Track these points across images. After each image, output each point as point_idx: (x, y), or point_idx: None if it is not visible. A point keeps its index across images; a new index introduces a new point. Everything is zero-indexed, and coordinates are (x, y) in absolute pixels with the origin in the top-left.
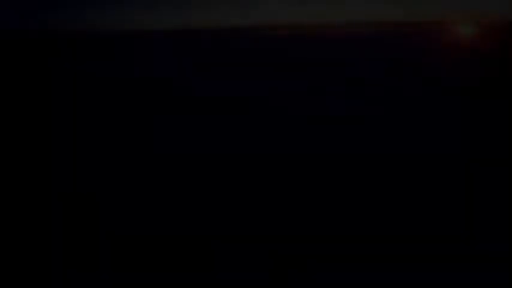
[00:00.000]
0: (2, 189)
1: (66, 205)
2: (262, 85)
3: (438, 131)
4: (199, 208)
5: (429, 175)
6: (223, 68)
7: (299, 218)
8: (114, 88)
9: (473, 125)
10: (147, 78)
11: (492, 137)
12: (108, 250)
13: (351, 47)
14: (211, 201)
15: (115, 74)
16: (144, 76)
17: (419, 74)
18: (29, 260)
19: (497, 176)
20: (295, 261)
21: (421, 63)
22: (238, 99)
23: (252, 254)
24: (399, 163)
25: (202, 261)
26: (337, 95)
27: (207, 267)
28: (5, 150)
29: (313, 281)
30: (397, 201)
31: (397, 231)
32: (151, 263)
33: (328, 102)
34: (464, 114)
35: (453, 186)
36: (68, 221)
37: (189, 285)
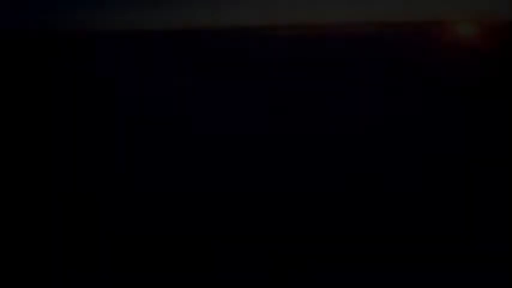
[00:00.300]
0: (1, 189)
1: (66, 205)
2: (262, 85)
3: (438, 131)
4: (199, 208)
5: (429, 175)
6: (223, 68)
7: (299, 218)
8: (114, 88)
9: (473, 125)
10: (147, 78)
11: (492, 137)
12: (108, 250)
13: (351, 47)
14: (211, 201)
15: (115, 74)
16: (143, 76)
17: (419, 74)
18: (29, 260)
19: (497, 176)
20: (295, 261)
21: (421, 63)
22: (238, 99)
23: (252, 254)
24: (399, 163)
25: (202, 261)
26: (337, 95)
27: (207, 267)
28: (5, 150)
29: (313, 281)
30: (397, 201)
31: (397, 231)
32: (151, 263)
33: (328, 102)
34: (464, 114)
35: (453, 186)
36: (68, 221)
37: (189, 285)
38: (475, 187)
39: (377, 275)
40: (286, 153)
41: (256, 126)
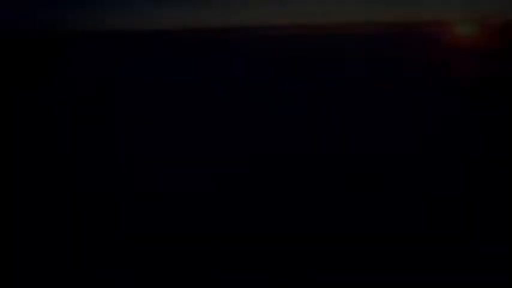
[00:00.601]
0: (1, 189)
1: (66, 205)
2: (261, 85)
3: (438, 131)
4: (200, 208)
5: (429, 175)
6: (224, 68)
7: (299, 218)
8: (114, 88)
9: (473, 125)
10: (146, 78)
11: (492, 137)
12: (108, 250)
13: (350, 47)
14: (210, 201)
15: (115, 74)
16: (143, 76)
17: (419, 74)
18: (30, 259)
19: (498, 176)
20: (295, 261)
21: (421, 63)
22: (238, 99)
23: (252, 254)
24: (399, 163)
25: (202, 261)
26: (337, 95)
27: (207, 267)
28: (5, 149)
29: (313, 280)
30: (397, 201)
31: (397, 231)
32: (151, 262)
33: (328, 102)
34: (465, 114)
35: (453, 186)
36: (68, 221)
37: (189, 285)
38: (475, 187)
39: (377, 275)
40: (285, 153)
41: (254, 127)
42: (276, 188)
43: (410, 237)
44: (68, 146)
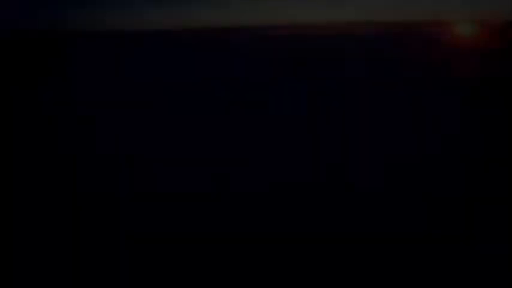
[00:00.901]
0: (2, 189)
1: (67, 205)
2: (261, 85)
3: (438, 131)
4: (200, 208)
5: (429, 175)
6: (224, 68)
7: (299, 218)
8: (115, 88)
9: (473, 125)
10: (147, 78)
11: (492, 137)
12: (108, 250)
13: (350, 47)
14: (211, 201)
15: (115, 74)
16: (144, 76)
17: (420, 74)
18: (30, 259)
19: (498, 176)
20: (295, 262)
21: (421, 63)
22: (237, 99)
23: (252, 254)
24: (399, 163)
25: (202, 261)
26: (337, 95)
27: (207, 267)
28: (5, 149)
29: (313, 280)
30: (397, 201)
31: (397, 231)
32: (151, 262)
33: (328, 102)
34: (465, 114)
35: (453, 186)
36: (68, 221)
37: (189, 285)
38: (475, 187)
39: (377, 275)
40: (284, 153)
41: (255, 125)
42: (276, 188)
43: (411, 237)
44: (68, 146)
